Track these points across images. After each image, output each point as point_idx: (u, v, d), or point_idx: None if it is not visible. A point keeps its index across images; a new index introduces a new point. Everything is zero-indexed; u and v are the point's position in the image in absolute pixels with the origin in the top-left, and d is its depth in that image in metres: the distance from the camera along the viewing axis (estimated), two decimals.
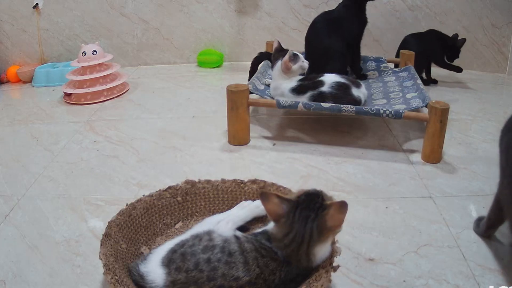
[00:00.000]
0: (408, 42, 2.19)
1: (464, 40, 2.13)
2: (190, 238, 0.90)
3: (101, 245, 0.95)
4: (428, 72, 2.24)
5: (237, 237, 0.89)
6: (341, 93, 1.61)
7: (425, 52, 2.14)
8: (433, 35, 2.19)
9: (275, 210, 0.86)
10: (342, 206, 0.82)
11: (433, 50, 2.19)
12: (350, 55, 1.96)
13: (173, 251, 0.87)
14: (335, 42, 1.87)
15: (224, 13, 2.56)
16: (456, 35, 2.14)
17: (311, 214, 0.84)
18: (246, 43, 2.61)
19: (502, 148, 0.98)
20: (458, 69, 2.21)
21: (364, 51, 2.04)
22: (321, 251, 0.86)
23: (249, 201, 1.11)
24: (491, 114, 1.89)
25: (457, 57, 2.17)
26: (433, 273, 1.01)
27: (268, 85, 1.80)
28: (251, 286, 0.82)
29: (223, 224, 1.00)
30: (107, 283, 0.85)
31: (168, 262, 0.85)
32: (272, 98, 1.69)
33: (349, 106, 1.52)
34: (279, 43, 1.77)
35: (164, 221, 1.14)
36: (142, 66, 2.68)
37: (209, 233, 0.90)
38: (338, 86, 1.62)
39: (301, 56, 1.70)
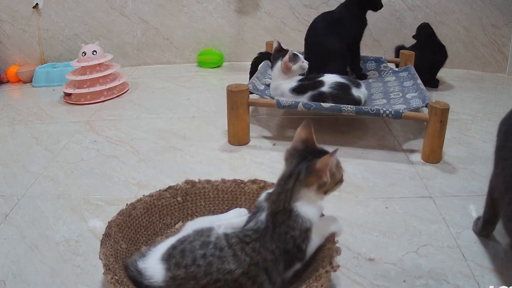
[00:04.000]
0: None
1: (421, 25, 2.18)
2: (192, 234, 0.90)
3: (101, 245, 0.95)
4: (433, 75, 2.23)
5: (226, 234, 0.89)
6: (341, 93, 1.61)
7: (427, 62, 2.13)
8: (433, 44, 2.19)
9: (297, 142, 0.94)
10: (334, 154, 0.88)
11: (436, 60, 2.19)
12: (350, 55, 1.96)
13: (173, 247, 0.88)
14: (335, 42, 1.87)
15: (224, 13, 2.56)
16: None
17: (309, 157, 0.90)
18: (246, 43, 2.61)
19: (501, 132, 0.99)
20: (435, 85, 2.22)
21: (364, 51, 2.04)
22: (303, 203, 0.89)
23: (245, 211, 1.08)
24: (491, 114, 1.89)
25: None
26: (433, 273, 1.01)
27: (268, 85, 1.80)
28: (246, 276, 0.82)
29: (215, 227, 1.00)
30: (107, 283, 0.85)
31: (168, 257, 0.86)
32: (272, 98, 1.69)
33: (349, 106, 1.52)
34: (279, 43, 1.77)
35: (164, 221, 1.14)
36: (142, 66, 2.68)
37: (209, 230, 0.91)
38: (338, 86, 1.62)
39: (301, 56, 1.70)
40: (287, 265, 0.88)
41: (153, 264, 0.86)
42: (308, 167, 0.89)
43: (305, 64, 1.69)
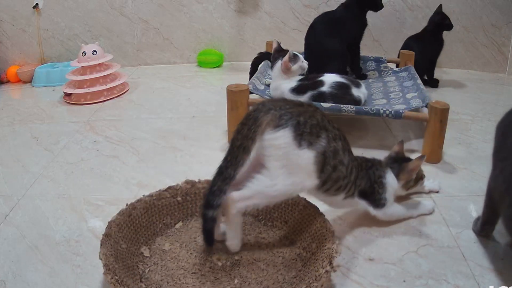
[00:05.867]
0: (409, 45, 2.18)
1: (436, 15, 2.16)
2: None
3: (101, 245, 0.95)
4: (431, 74, 2.23)
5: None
6: (341, 93, 1.61)
7: (426, 54, 2.13)
8: (431, 32, 2.18)
9: (392, 152, 1.25)
10: (422, 159, 1.16)
11: (433, 51, 2.18)
12: (350, 55, 1.96)
13: None
14: (335, 42, 1.87)
15: (224, 13, 2.56)
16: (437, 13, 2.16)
17: (400, 161, 1.20)
18: (246, 43, 2.61)
19: (499, 134, 1.00)
20: (435, 84, 2.22)
21: (364, 51, 2.04)
22: (389, 178, 1.15)
23: None
24: (491, 114, 1.89)
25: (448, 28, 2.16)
26: (433, 273, 1.01)
27: (268, 85, 1.80)
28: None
29: None
30: (107, 283, 0.85)
31: None
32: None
33: (349, 106, 1.52)
34: (279, 44, 1.77)
35: (164, 221, 1.14)
36: (142, 66, 2.68)
37: None
38: (338, 86, 1.62)
39: (301, 57, 1.70)
40: (363, 193, 1.10)
41: None
42: (402, 166, 1.17)
43: (305, 64, 1.69)
